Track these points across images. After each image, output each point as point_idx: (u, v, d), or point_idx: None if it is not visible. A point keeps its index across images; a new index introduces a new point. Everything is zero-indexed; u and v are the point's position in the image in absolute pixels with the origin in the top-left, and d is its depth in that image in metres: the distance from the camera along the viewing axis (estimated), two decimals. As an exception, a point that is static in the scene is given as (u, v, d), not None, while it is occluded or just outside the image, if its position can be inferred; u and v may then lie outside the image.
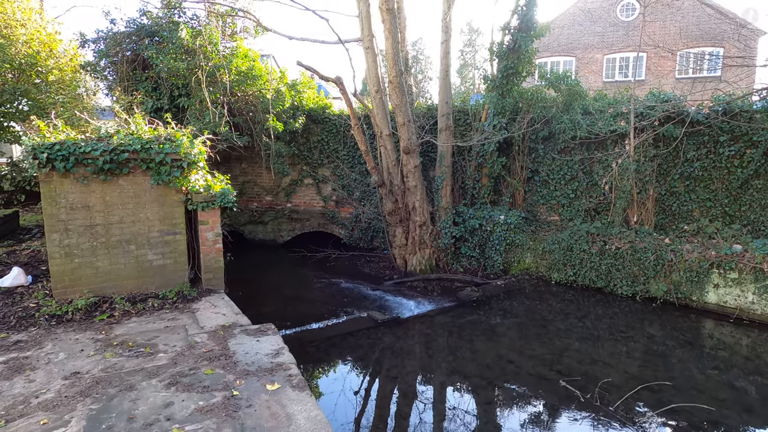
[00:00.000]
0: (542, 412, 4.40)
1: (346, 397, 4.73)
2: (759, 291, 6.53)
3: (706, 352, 5.92)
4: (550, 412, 4.37)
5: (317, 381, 5.14)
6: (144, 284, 5.28)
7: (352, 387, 4.99)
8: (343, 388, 4.92)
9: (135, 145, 4.90)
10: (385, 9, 7.63)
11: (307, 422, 2.85)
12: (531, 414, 4.37)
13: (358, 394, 4.87)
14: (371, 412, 4.53)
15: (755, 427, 4.20)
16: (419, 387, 5.10)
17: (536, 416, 4.34)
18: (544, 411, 4.40)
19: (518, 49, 8.38)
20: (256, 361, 3.72)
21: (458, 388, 5.06)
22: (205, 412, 2.93)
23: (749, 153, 7.99)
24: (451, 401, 4.79)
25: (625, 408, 4.23)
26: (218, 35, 8.50)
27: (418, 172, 9.01)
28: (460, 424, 4.30)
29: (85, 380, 3.32)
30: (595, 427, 4.05)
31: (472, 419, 4.38)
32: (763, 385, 4.97)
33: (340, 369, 5.46)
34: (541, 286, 8.59)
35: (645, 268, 7.55)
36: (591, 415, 4.18)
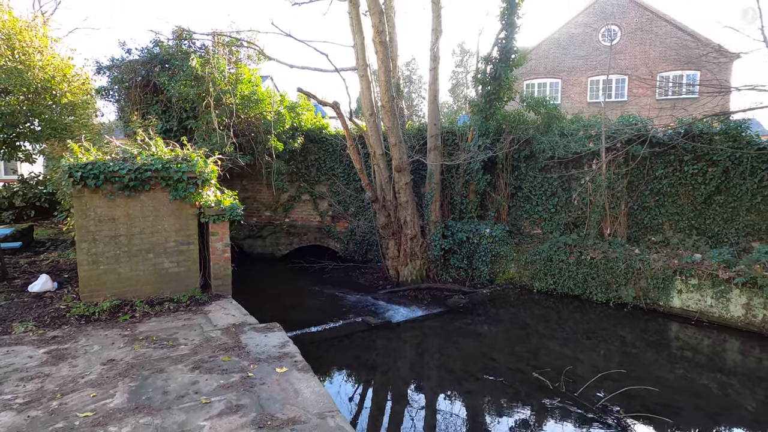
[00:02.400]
0: (516, 398, 4.99)
1: (344, 387, 5.29)
2: (716, 295, 7.21)
3: (666, 350, 6.56)
4: (523, 399, 4.97)
5: (317, 374, 5.69)
6: (160, 289, 5.85)
7: (348, 379, 5.55)
8: (340, 380, 5.48)
9: (156, 165, 5.55)
10: (377, 42, 8.44)
11: (311, 394, 3.44)
12: (506, 400, 4.96)
13: (353, 384, 5.43)
14: (366, 400, 5.09)
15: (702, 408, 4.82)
16: (408, 379, 5.68)
17: (511, 402, 4.93)
18: (518, 398, 5.00)
19: (499, 77, 9.21)
20: (265, 351, 4.30)
21: (443, 379, 5.65)
22: (226, 388, 3.51)
23: (711, 171, 8.76)
24: (436, 390, 5.37)
25: (586, 394, 4.83)
26: (224, 63, 9.26)
27: (409, 189, 9.71)
28: (444, 409, 4.87)
29: (120, 365, 3.89)
30: (560, 410, 4.64)
31: (454, 405, 4.96)
32: (713, 377, 5.60)
33: (338, 364, 6.01)
34: (524, 295, 9.22)
35: (617, 276, 8.24)
36: (558, 400, 4.78)
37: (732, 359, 6.36)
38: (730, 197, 8.59)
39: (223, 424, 3.01)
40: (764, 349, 6.43)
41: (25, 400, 3.28)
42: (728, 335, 6.91)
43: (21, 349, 4.22)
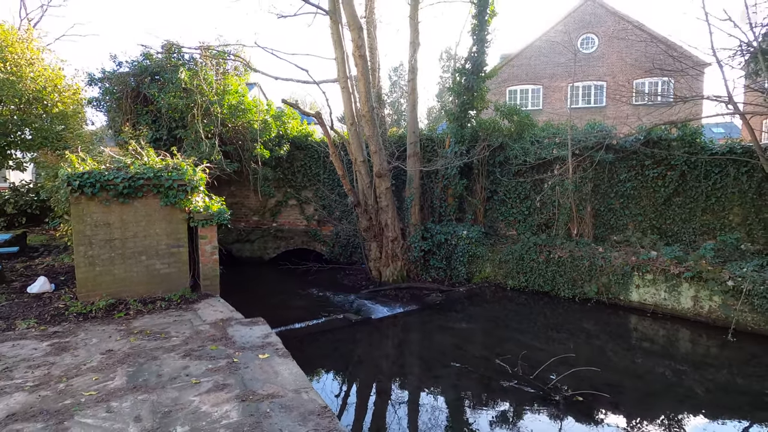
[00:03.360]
0: (479, 382, 5.52)
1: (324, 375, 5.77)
2: (668, 289, 7.85)
3: (621, 340, 7.17)
4: (484, 382, 5.50)
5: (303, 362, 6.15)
6: (152, 289, 6.28)
7: (327, 368, 6.03)
8: (321, 369, 5.96)
9: (148, 174, 6.01)
10: (357, 55, 8.99)
11: (289, 375, 3.92)
12: (471, 382, 5.50)
13: (332, 372, 5.91)
14: (343, 385, 5.58)
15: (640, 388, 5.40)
16: (382, 367, 6.19)
17: (473, 385, 5.46)
18: (480, 381, 5.53)
19: (472, 89, 9.82)
20: (249, 341, 4.77)
21: (414, 366, 6.17)
22: (213, 371, 3.98)
23: (669, 175, 9.43)
24: (407, 376, 5.88)
25: (541, 376, 5.37)
26: (212, 75, 9.73)
27: (390, 193, 10.24)
28: (412, 392, 5.39)
29: (118, 354, 4.33)
30: (515, 390, 5.18)
31: (422, 389, 5.48)
32: (658, 362, 6.21)
33: (319, 355, 6.48)
34: (499, 292, 9.79)
35: (581, 273, 8.85)
36: (515, 382, 5.32)
37: (678, 346, 6.98)
38: (687, 199, 9.27)
39: (210, 398, 3.48)
40: (710, 336, 7.06)
41: (34, 383, 3.71)
42: (680, 325, 7.54)
43: (26, 343, 4.63)
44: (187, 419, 3.18)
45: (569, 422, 4.62)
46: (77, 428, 3.05)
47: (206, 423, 3.13)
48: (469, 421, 4.82)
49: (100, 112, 10.67)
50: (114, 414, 3.24)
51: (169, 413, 3.26)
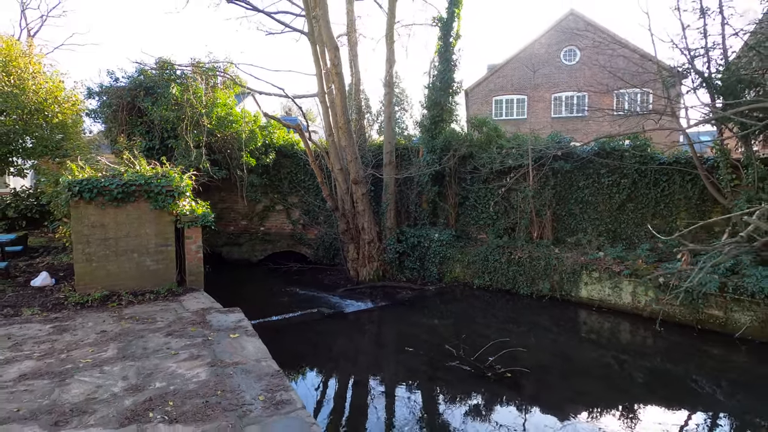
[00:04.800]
0: (427, 363, 6.32)
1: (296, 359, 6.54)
2: (611, 286, 8.68)
3: (564, 330, 8.00)
4: (432, 363, 6.31)
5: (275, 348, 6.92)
6: (143, 283, 7.05)
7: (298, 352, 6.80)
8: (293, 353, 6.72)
9: (140, 180, 6.80)
10: (334, 72, 9.85)
11: (254, 349, 4.71)
12: (422, 362, 6.30)
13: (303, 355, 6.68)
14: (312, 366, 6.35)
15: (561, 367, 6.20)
16: (348, 352, 6.98)
17: (424, 365, 6.26)
18: (428, 362, 6.33)
19: (441, 103, 10.70)
20: (224, 324, 5.55)
21: (374, 351, 6.99)
22: (190, 346, 4.76)
23: (623, 182, 10.28)
24: (371, 358, 6.68)
25: (481, 358, 6.17)
26: (202, 89, 10.55)
27: (366, 199, 11.06)
28: (375, 370, 6.17)
29: (110, 334, 5.10)
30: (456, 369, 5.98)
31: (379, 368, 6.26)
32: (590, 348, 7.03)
33: (291, 342, 7.24)
34: (466, 291, 10.60)
35: (538, 272, 9.67)
36: (457, 362, 6.11)
37: (612, 336, 7.82)
38: (639, 204, 10.12)
39: (185, 365, 4.26)
40: (644, 328, 7.87)
41: (41, 354, 4.48)
42: (620, 318, 8.36)
43: (31, 326, 5.39)
44: (164, 378, 3.96)
45: (495, 392, 5.43)
46: (76, 384, 3.82)
47: (180, 380, 3.91)
48: (413, 393, 5.62)
49: (97, 123, 11.46)
50: (106, 375, 4.01)
51: (150, 374, 4.04)
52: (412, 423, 4.97)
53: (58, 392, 3.67)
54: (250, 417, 3.32)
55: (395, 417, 5.12)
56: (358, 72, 12.66)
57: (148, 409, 3.41)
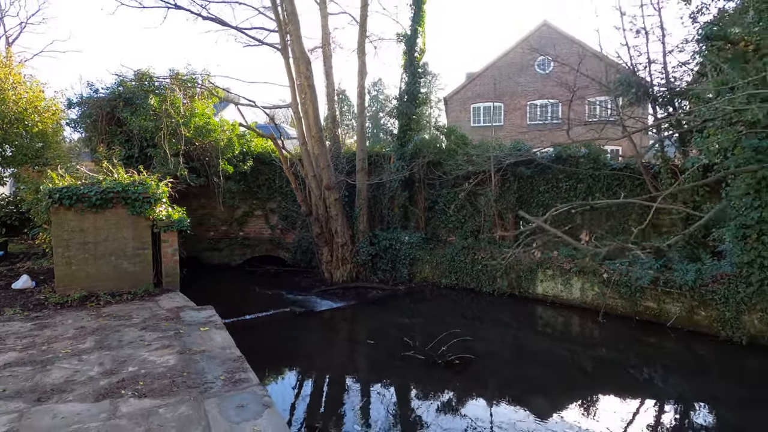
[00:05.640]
0: (385, 353, 6.89)
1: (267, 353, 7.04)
2: (563, 282, 9.38)
3: (517, 323, 8.66)
4: (389, 353, 6.87)
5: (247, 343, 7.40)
6: (120, 285, 7.47)
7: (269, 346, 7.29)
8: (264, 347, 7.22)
9: (118, 188, 7.26)
10: (306, 84, 10.43)
11: (221, 339, 5.21)
12: (379, 353, 6.87)
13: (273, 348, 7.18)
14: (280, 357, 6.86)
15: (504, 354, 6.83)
16: (314, 344, 7.50)
17: (381, 354, 6.83)
18: (386, 352, 6.90)
19: (408, 114, 11.35)
20: (196, 320, 6.04)
21: (339, 343, 7.53)
22: (162, 338, 5.23)
23: (579, 187, 11.03)
24: (336, 350, 7.21)
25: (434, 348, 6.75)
26: (180, 100, 11.01)
27: (339, 204, 11.62)
28: (337, 360, 6.70)
29: (88, 329, 5.54)
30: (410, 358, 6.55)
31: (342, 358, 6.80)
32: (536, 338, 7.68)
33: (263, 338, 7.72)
34: (434, 290, 11.21)
35: (498, 271, 10.33)
36: (412, 352, 6.69)
37: (559, 327, 8.52)
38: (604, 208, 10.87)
39: (157, 353, 4.75)
40: (590, 320, 8.56)
41: (23, 346, 4.91)
42: (571, 312, 9.06)
43: (13, 323, 5.79)
44: (137, 363, 4.44)
45: (442, 376, 6.04)
46: (56, 370, 4.28)
47: (151, 365, 4.40)
48: (369, 379, 6.18)
49: (77, 133, 11.81)
50: (83, 362, 4.48)
51: (124, 361, 4.52)
52: (365, 403, 5.53)
53: (40, 376, 4.13)
54: (211, 392, 3.83)
55: (351, 399, 5.67)
56: (332, 83, 13.27)
57: (121, 387, 3.90)
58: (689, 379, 6.42)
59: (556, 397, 5.67)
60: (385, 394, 5.85)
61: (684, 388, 6.15)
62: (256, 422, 3.30)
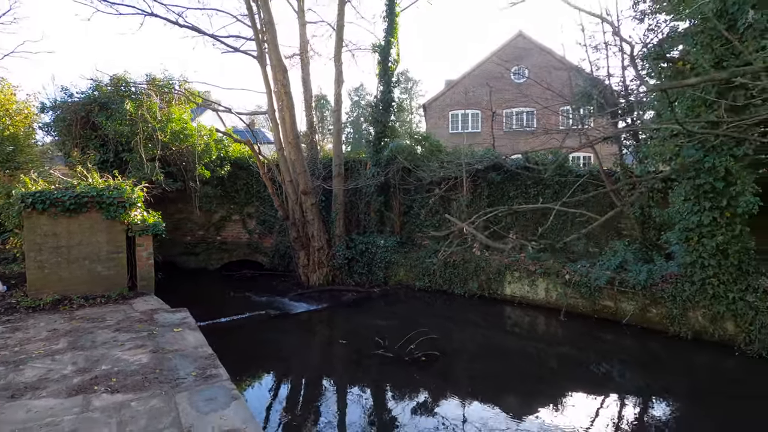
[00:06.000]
0: (357, 351, 7.15)
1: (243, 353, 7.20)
2: (530, 284, 9.84)
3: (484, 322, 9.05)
4: (359, 351, 7.14)
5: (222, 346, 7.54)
6: (94, 288, 7.53)
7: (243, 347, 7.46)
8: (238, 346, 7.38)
9: (92, 192, 7.34)
10: (283, 92, 10.67)
11: (194, 340, 5.39)
12: (355, 351, 7.13)
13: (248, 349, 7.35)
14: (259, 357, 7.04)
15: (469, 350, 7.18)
16: (289, 344, 7.70)
17: (356, 353, 7.09)
18: (357, 351, 7.16)
19: (382, 121, 11.71)
20: (170, 321, 6.18)
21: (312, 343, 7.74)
22: (136, 339, 5.38)
23: (546, 192, 11.55)
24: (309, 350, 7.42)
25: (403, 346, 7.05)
26: (156, 105, 11.09)
27: (316, 209, 11.85)
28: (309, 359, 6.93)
29: (61, 331, 5.64)
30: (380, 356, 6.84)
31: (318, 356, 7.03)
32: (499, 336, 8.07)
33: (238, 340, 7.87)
34: (408, 292, 11.52)
35: (469, 273, 10.73)
36: (382, 350, 6.97)
37: (527, 327, 8.94)
38: (560, 211, 11.37)
39: (130, 352, 4.90)
40: (557, 319, 9.01)
41: (-5, 348, 5.00)
42: (537, 312, 9.50)
43: (-16, 327, 5.84)
44: (110, 362, 4.59)
45: (408, 371, 6.35)
46: (29, 369, 4.40)
47: (124, 364, 4.56)
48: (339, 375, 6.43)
49: (51, 136, 11.72)
50: (57, 362, 4.60)
51: (97, 360, 4.66)
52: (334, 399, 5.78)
53: (13, 375, 4.25)
54: (182, 387, 4.03)
55: (321, 396, 5.90)
56: (310, 90, 13.52)
57: (94, 384, 4.06)
58: (643, 373, 6.87)
59: (522, 392, 6.03)
60: (354, 390, 6.12)
61: (639, 383, 6.57)
62: (224, 412, 3.52)
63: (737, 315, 6.78)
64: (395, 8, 10.94)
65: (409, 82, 57.46)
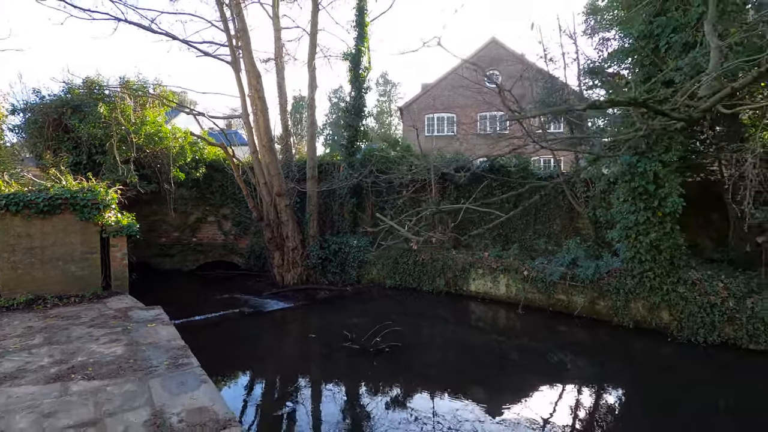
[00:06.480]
0: (324, 345, 7.56)
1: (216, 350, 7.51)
2: (492, 280, 10.44)
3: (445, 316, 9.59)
4: (328, 345, 7.56)
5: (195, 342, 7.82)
6: (68, 288, 7.71)
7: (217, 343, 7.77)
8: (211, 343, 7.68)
9: (66, 194, 7.53)
10: (256, 97, 10.99)
11: (167, 333, 5.71)
12: (324, 345, 7.53)
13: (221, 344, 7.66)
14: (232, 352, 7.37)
15: (428, 342, 7.69)
16: (261, 341, 8.04)
17: (325, 346, 7.50)
18: (325, 344, 7.57)
19: (354, 126, 12.16)
20: (144, 318, 6.47)
21: (283, 338, 8.09)
22: (111, 334, 5.66)
23: (510, 194, 12.18)
24: (284, 345, 7.78)
25: (369, 339, 7.50)
26: (130, 108, 11.24)
27: (290, 210, 12.19)
28: (280, 353, 7.30)
29: (36, 328, 5.86)
30: (347, 348, 7.27)
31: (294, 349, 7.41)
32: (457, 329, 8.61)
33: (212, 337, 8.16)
34: (380, 290, 11.98)
35: (437, 271, 11.27)
36: (349, 343, 7.41)
37: (489, 320, 9.52)
38: (524, 212, 12.05)
39: (105, 346, 5.20)
40: (513, 312, 9.61)
41: (-29, 344, 5.21)
42: (497, 306, 10.10)
43: (-42, 325, 6.00)
44: (86, 354, 4.89)
45: (371, 361, 6.80)
46: (7, 362, 4.66)
47: (99, 355, 4.86)
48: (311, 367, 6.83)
49: (19, 138, 11.71)
50: (34, 355, 4.87)
51: (73, 353, 4.95)
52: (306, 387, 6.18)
53: (-8, 367, 4.50)
54: (155, 374, 4.38)
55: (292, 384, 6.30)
56: (285, 94, 13.86)
57: (71, 373, 4.36)
58: (592, 361, 7.49)
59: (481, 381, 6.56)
60: (322, 380, 6.54)
61: (589, 371, 7.17)
62: (193, 393, 3.90)
63: (671, 305, 7.50)
64: (365, 18, 11.41)
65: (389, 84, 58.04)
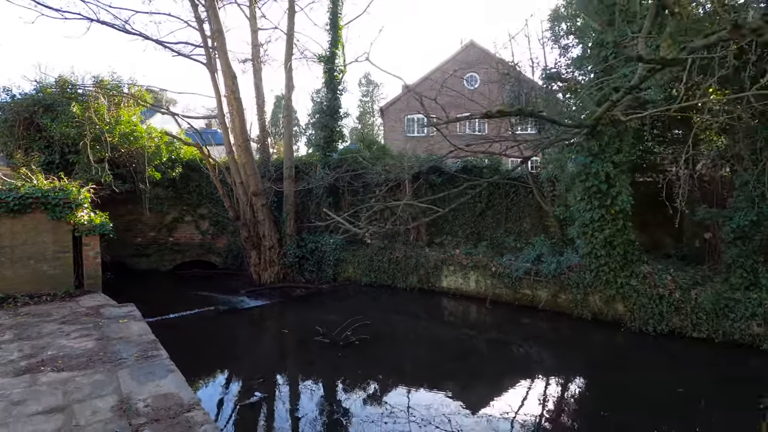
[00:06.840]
0: (298, 340, 7.79)
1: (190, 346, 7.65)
2: (463, 276, 10.82)
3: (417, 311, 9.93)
4: (301, 340, 7.79)
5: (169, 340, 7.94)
6: (40, 287, 7.73)
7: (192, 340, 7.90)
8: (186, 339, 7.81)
9: (37, 193, 7.57)
10: (232, 98, 11.12)
11: (138, 329, 5.86)
12: (297, 340, 7.76)
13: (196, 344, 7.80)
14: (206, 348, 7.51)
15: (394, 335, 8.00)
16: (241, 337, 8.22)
17: (299, 340, 7.73)
18: (299, 339, 7.80)
19: (330, 126, 12.40)
20: (116, 315, 6.58)
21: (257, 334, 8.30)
22: (82, 329, 5.78)
23: (482, 193, 12.58)
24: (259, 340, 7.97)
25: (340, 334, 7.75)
26: (104, 108, 11.22)
27: (267, 209, 12.34)
28: (251, 346, 7.48)
29: (7, 325, 5.93)
30: (319, 342, 7.51)
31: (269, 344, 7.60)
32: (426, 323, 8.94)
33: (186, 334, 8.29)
34: (355, 287, 12.24)
35: (410, 268, 11.60)
36: (321, 337, 7.65)
37: (460, 315, 9.89)
38: (495, 211, 12.47)
39: (76, 341, 5.33)
40: (482, 307, 10.00)
41: (-60, 341, 5.27)
42: (468, 302, 10.47)
43: (-74, 324, 6.02)
44: (56, 348, 5.01)
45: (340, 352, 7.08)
46: (-23, 357, 4.76)
47: (69, 349, 4.99)
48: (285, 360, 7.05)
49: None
50: (2, 350, 4.97)
51: (44, 348, 5.07)
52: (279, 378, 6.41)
53: (-39, 362, 4.60)
54: (124, 365, 4.55)
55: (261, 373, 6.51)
56: (262, 95, 13.99)
57: (41, 366, 4.50)
58: (554, 352, 7.90)
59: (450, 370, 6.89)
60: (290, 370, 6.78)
61: (552, 361, 7.57)
62: (160, 381, 4.10)
63: (624, 297, 7.98)
64: (339, 21, 11.67)
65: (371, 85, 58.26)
